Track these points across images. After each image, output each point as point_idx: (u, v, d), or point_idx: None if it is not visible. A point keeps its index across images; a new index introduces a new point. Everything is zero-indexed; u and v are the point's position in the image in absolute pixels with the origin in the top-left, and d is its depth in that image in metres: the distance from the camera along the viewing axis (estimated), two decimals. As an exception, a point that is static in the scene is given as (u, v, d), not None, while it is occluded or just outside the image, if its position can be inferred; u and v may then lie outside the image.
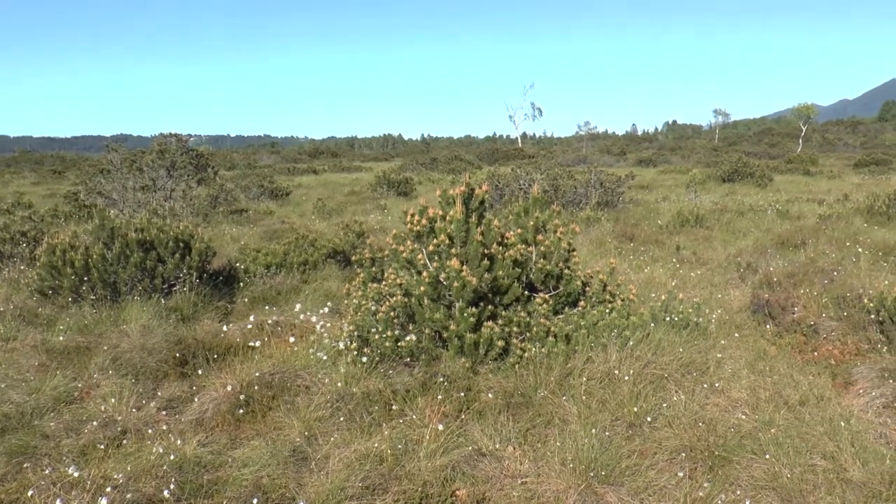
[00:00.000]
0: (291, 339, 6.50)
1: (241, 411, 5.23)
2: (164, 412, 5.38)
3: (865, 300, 7.35)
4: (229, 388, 5.50)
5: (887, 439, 4.95)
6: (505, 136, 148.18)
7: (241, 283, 9.15)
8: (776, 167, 36.50)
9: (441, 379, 5.50)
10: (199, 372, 5.96)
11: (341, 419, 5.06)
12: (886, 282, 8.36)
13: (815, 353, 6.77)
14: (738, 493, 4.26)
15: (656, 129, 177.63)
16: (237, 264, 9.67)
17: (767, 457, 4.54)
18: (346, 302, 7.18)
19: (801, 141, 72.74)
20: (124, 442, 4.83)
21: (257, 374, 5.65)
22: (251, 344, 6.45)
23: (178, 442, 4.72)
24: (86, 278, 7.90)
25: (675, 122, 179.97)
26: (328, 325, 6.81)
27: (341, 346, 6.05)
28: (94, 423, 5.08)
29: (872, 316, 7.04)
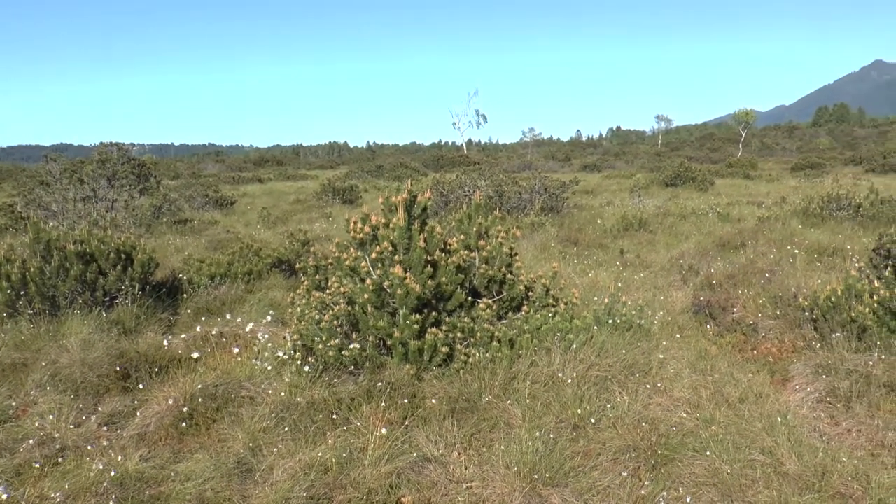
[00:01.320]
0: (236, 350, 6.44)
1: (185, 424, 5.15)
2: (105, 428, 5.27)
3: (800, 299, 7.56)
4: (172, 401, 5.41)
5: (821, 433, 5.11)
6: (450, 143, 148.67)
7: (185, 295, 9.00)
8: (717, 171, 37.28)
9: (385, 386, 5.49)
10: (142, 386, 5.85)
11: (286, 429, 5.01)
12: (819, 281, 8.61)
13: (755, 352, 6.92)
14: (681, 490, 4.34)
15: (601, 134, 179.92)
16: (181, 275, 9.52)
17: (708, 454, 4.65)
18: (290, 311, 7.13)
19: (741, 145, 74.33)
20: (62, 460, 4.71)
21: (201, 386, 5.57)
22: (194, 356, 6.36)
23: (120, 458, 4.64)
24: (23, 292, 7.70)
25: (619, 127, 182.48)
26: (273, 334, 6.76)
27: (285, 356, 6.00)
28: (31, 441, 4.95)
29: (807, 314, 7.24)
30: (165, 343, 6.77)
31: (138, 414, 5.42)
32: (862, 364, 6.03)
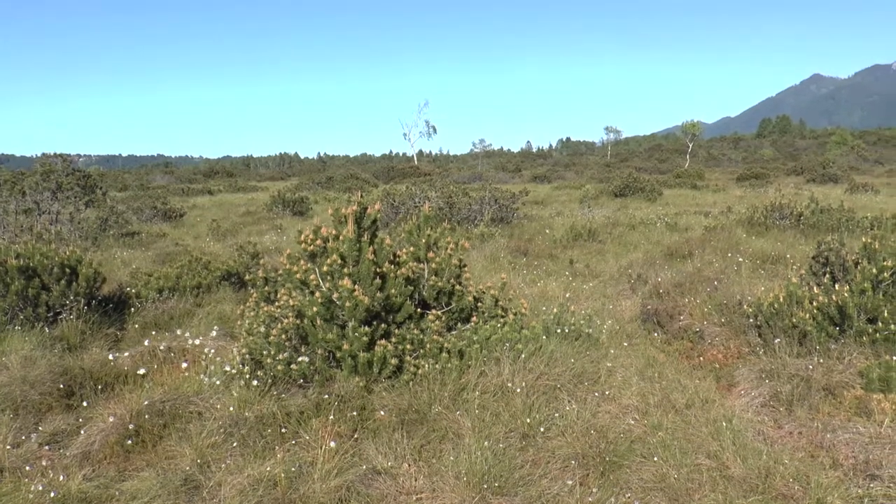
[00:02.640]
0: (184, 365, 6.36)
1: (131, 442, 5.07)
2: (46, 447, 5.16)
3: (745, 306, 7.73)
4: (118, 418, 5.32)
5: (764, 436, 5.25)
6: (401, 154, 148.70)
7: (133, 309, 8.86)
8: (665, 182, 37.84)
9: (335, 399, 5.47)
10: (86, 403, 5.74)
11: (234, 444, 4.97)
12: (763, 288, 8.79)
13: (701, 358, 7.05)
14: (629, 495, 4.41)
15: (551, 145, 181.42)
16: (128, 289, 9.37)
17: (656, 459, 4.73)
18: (239, 324, 7.06)
19: (688, 156, 75.62)
20: (-2, 482, 4.61)
21: (147, 402, 5.49)
22: (140, 371, 6.26)
23: (62, 478, 4.55)
24: (-41, 309, 7.52)
25: (568, 139, 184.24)
26: (222, 348, 6.69)
27: (233, 370, 5.94)
28: (-36, 464, 4.83)
29: (751, 321, 7.40)
30: (111, 359, 6.66)
31: (82, 432, 5.31)
32: (803, 368, 6.19)
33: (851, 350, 6.52)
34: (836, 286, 7.01)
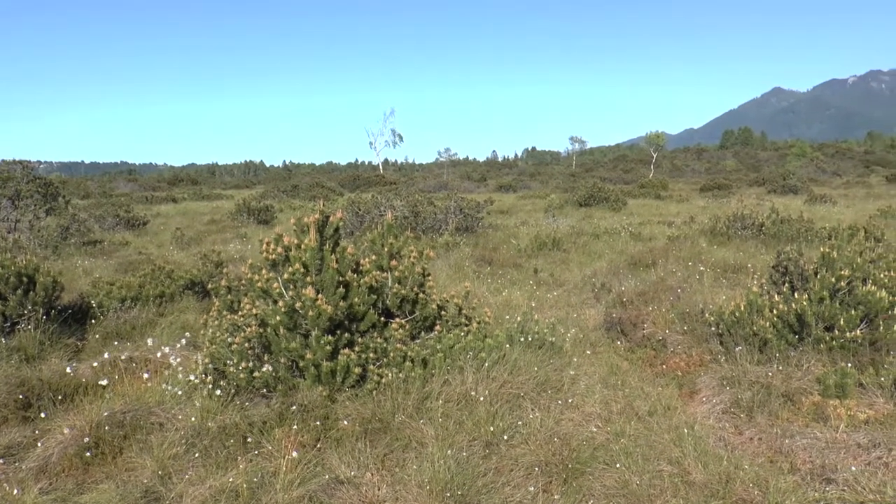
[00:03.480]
0: (146, 376, 6.28)
1: (90, 454, 4.98)
2: (1, 461, 5.06)
3: (707, 315, 7.83)
4: (77, 430, 5.22)
5: (725, 442, 5.32)
6: (367, 163, 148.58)
7: (94, 319, 8.73)
8: (630, 192, 38.20)
9: (298, 408, 5.44)
10: (44, 415, 5.63)
11: (196, 455, 4.92)
12: (725, 297, 8.91)
13: (664, 366, 7.12)
14: (591, 502, 4.45)
15: (516, 155, 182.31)
16: (89, 299, 9.23)
17: (618, 466, 4.77)
18: (202, 334, 7.00)
19: (652, 167, 76.49)
20: (-51, 499, 4.51)
21: (108, 413, 5.40)
22: (100, 382, 6.17)
23: (16, 492, 4.46)
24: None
25: (534, 148, 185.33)
26: (185, 358, 6.62)
27: (196, 380, 5.89)
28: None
29: (713, 329, 7.50)
30: (70, 370, 6.55)
31: (39, 445, 5.20)
32: (763, 375, 6.30)
33: (810, 357, 6.65)
34: (795, 295, 7.13)
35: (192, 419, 5.34)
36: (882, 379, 6.02)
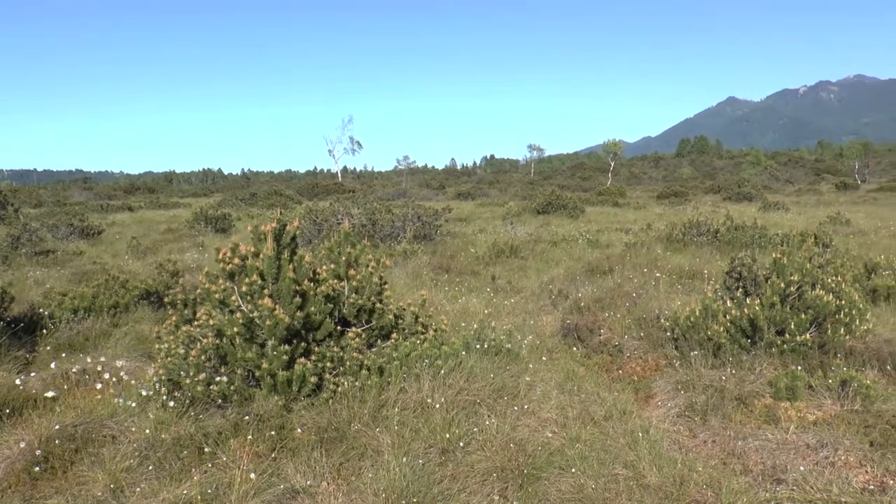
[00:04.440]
0: (98, 387, 6.18)
1: (39, 468, 4.87)
2: (-56, 479, 4.93)
3: (663, 320, 7.94)
4: (25, 444, 5.11)
5: (680, 445, 5.40)
6: (326, 171, 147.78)
7: (45, 330, 8.56)
8: (588, 199, 38.55)
9: (254, 419, 5.39)
10: (-10, 429, 5.52)
11: (150, 468, 4.84)
12: (680, 303, 9.03)
13: (620, 371, 7.19)
14: (547, 507, 4.48)
15: (475, 163, 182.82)
16: (41, 310, 9.04)
17: (574, 470, 4.81)
18: (156, 345, 6.90)
19: (610, 174, 77.29)
20: None
21: (58, 427, 5.29)
22: (51, 395, 6.05)
23: (-42, 511, 4.36)
24: None
25: (493, 156, 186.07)
26: (139, 369, 6.53)
27: (150, 391, 5.81)
28: None
29: (669, 334, 7.60)
30: (19, 382, 6.41)
31: (-16, 460, 5.09)
32: (717, 379, 6.41)
33: (762, 361, 6.78)
34: (748, 300, 7.25)
35: (147, 431, 5.26)
36: (830, 381, 6.16)
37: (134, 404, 5.72)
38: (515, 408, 5.79)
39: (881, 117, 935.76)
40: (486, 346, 6.82)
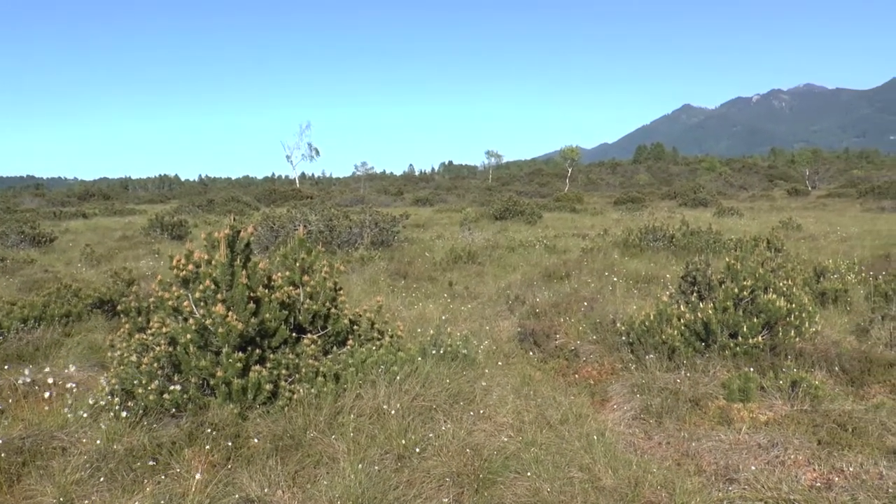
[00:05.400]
0: (47, 395, 6.05)
1: (-17, 483, 4.77)
2: None
3: (618, 324, 8.01)
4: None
5: (635, 447, 5.46)
6: (284, 177, 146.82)
7: (-8, 341, 8.37)
8: (545, 205, 38.86)
9: (208, 428, 5.32)
10: (-68, 444, 5.35)
11: (101, 479, 4.75)
12: (636, 307, 9.13)
13: (577, 375, 7.24)
14: (502, 511, 4.49)
15: (433, 169, 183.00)
16: (-13, 320, 8.84)
17: (529, 474, 4.83)
18: (110, 354, 6.78)
19: (567, 181, 77.89)
20: None
21: (4, 440, 5.16)
22: (-5, 407, 5.91)
23: None
24: None
25: (451, 162, 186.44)
26: (91, 379, 6.41)
27: (102, 402, 5.70)
28: None
29: (624, 338, 7.68)
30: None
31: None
32: (672, 382, 6.50)
33: (716, 363, 6.89)
34: (703, 304, 7.36)
35: (98, 442, 5.16)
36: (781, 382, 6.29)
37: (85, 415, 5.61)
38: (471, 413, 5.80)
39: (829, 125, 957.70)
40: (442, 351, 6.82)
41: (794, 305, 7.31)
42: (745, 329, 7.05)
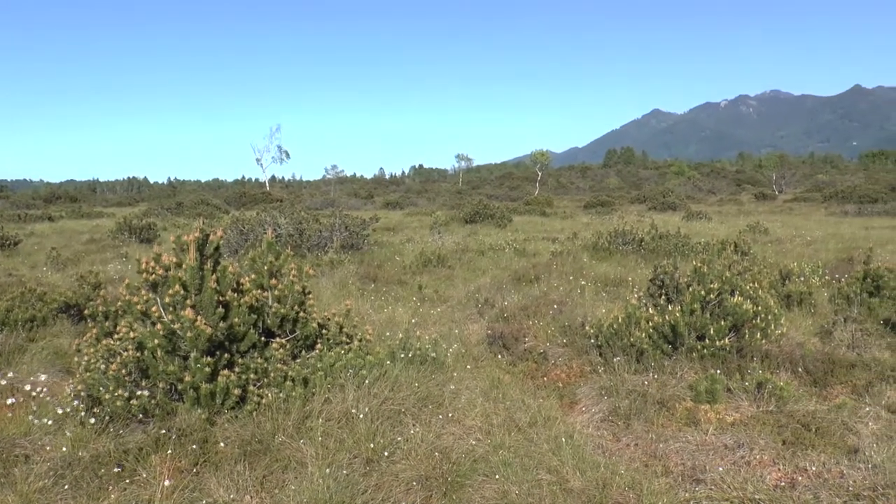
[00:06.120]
0: (10, 402, 5.96)
1: (-61, 495, 4.68)
2: None
3: (587, 327, 8.05)
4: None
5: (603, 449, 5.50)
6: (254, 180, 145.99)
7: (-47, 347, 8.21)
8: (515, 209, 38.97)
9: (176, 433, 5.28)
10: None
11: (66, 487, 4.68)
12: (604, 310, 9.19)
13: (545, 378, 7.26)
14: (471, 513, 4.50)
15: (404, 172, 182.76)
16: (-52, 326, 8.69)
17: (498, 477, 4.84)
18: (75, 360, 6.69)
19: (538, 184, 78.26)
20: None
21: (-37, 449, 5.09)
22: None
23: None
24: None
25: (421, 166, 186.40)
26: (57, 385, 6.33)
27: (68, 408, 5.63)
28: None
29: (593, 341, 7.73)
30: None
31: None
32: (640, 384, 6.56)
33: (683, 365, 6.97)
34: (671, 307, 7.43)
35: (63, 449, 5.11)
36: (747, 384, 6.38)
37: (50, 422, 5.55)
38: (440, 416, 5.80)
39: (795, 130, 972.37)
40: (411, 355, 6.82)
41: (760, 308, 7.41)
42: (712, 331, 7.13)
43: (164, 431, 5.32)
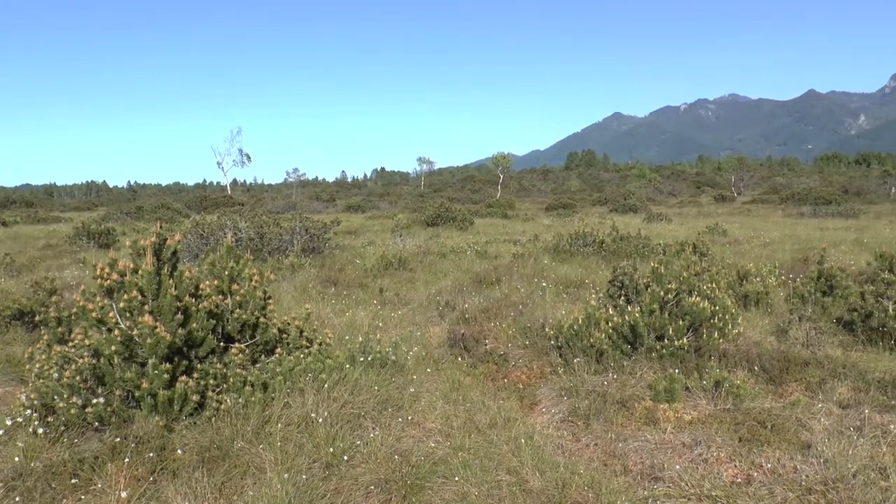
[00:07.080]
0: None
1: None
2: None
3: (548, 329, 8.11)
4: None
5: (563, 449, 5.53)
6: (215, 184, 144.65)
7: None
8: (477, 211, 39.05)
9: (133, 441, 5.20)
10: None
11: (17, 499, 4.59)
12: (565, 311, 9.25)
13: (506, 380, 7.28)
14: (430, 516, 4.50)
15: (366, 175, 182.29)
16: None
17: (457, 479, 4.86)
18: (28, 368, 6.56)
19: (500, 187, 78.51)
20: None
21: None
22: None
23: None
24: None
25: (383, 169, 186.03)
26: (9, 394, 6.20)
27: (19, 418, 5.52)
28: None
29: (553, 342, 7.78)
30: None
31: None
32: (599, 384, 6.62)
33: (642, 365, 7.05)
34: (630, 307, 7.51)
35: (15, 459, 5.01)
36: (705, 382, 6.47)
37: (1, 431, 5.43)
38: (400, 419, 5.80)
39: (753, 133, 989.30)
40: (371, 358, 6.81)
41: (717, 308, 7.52)
42: (670, 331, 7.22)
43: (120, 440, 5.24)
